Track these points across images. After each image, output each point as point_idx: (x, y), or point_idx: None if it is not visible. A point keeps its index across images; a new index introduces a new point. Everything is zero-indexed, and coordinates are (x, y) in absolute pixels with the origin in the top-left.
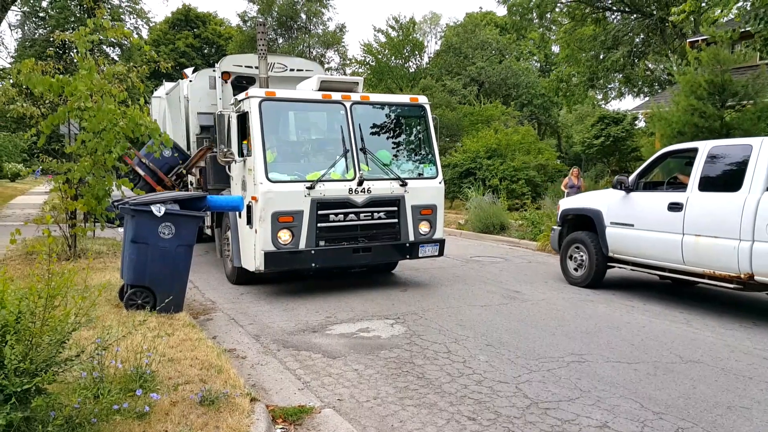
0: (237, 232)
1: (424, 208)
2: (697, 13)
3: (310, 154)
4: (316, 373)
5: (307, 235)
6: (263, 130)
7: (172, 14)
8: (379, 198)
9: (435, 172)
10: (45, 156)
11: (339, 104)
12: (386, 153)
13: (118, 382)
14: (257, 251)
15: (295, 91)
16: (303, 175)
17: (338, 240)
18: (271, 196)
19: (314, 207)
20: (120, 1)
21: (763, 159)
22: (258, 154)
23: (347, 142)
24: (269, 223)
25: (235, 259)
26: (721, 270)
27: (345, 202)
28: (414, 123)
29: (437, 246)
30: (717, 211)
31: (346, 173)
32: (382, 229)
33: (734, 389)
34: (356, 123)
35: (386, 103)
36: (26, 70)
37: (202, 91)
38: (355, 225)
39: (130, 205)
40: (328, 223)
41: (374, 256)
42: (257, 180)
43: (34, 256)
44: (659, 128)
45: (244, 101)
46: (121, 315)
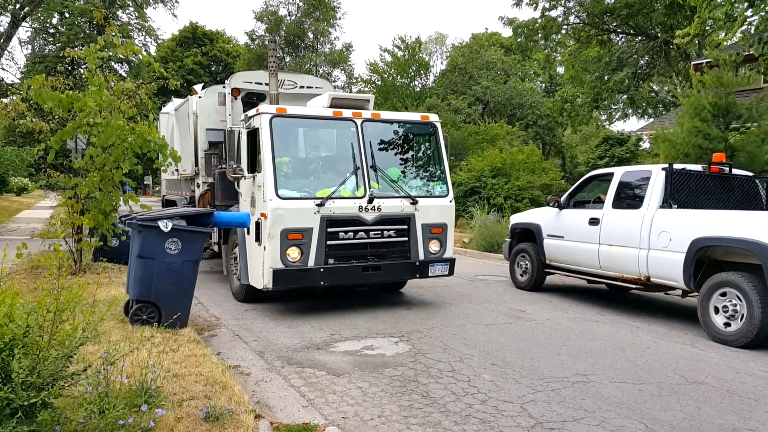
0: (245, 249)
1: (434, 226)
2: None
3: (320, 171)
4: (320, 391)
5: (316, 253)
6: (273, 147)
7: (180, 32)
8: (389, 216)
9: (446, 190)
10: (52, 171)
11: (350, 121)
12: (397, 171)
13: (124, 397)
14: (265, 269)
15: (306, 108)
16: (313, 192)
17: (348, 258)
18: (281, 213)
19: (324, 224)
20: (129, 18)
21: (658, 182)
22: (268, 170)
23: (358, 159)
24: (278, 240)
25: (243, 276)
26: (628, 273)
27: (355, 219)
28: (425, 141)
29: (447, 265)
30: (624, 225)
31: (356, 191)
32: (392, 248)
33: (739, 411)
34: (367, 140)
35: (397, 121)
36: (36, 85)
37: (211, 107)
38: (364, 243)
39: (137, 220)
40: (337, 240)
41: (384, 275)
42: (267, 196)
43: (39, 270)
44: (664, 150)
45: (255, 117)
46: (127, 330)
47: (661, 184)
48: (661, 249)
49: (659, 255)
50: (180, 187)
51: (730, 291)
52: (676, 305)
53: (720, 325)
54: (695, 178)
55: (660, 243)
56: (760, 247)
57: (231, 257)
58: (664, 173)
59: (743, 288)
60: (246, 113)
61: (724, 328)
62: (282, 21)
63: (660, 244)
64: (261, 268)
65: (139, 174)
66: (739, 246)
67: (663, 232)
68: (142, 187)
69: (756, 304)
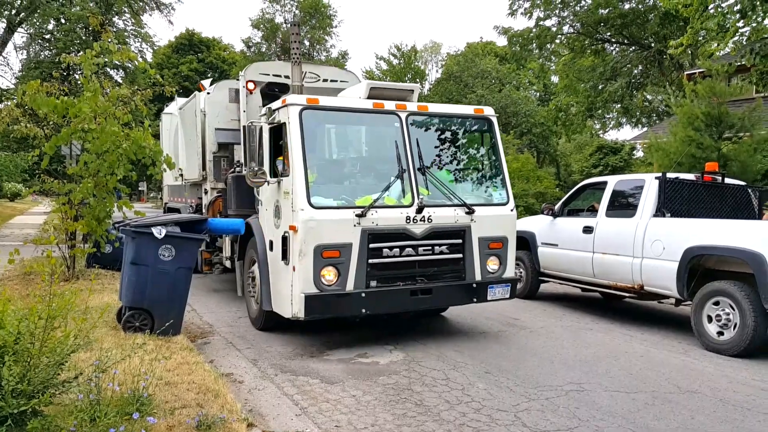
0: (267, 268)
1: (493, 240)
2: (694, 46)
3: (358, 174)
4: (313, 399)
5: (356, 274)
6: (304, 145)
7: (176, 38)
8: (441, 228)
9: (505, 196)
10: (46, 176)
11: (393, 115)
12: (448, 174)
13: (115, 405)
14: (295, 293)
15: (341, 99)
16: (351, 200)
17: (393, 280)
18: (314, 226)
19: (365, 239)
20: (125, 25)
21: (651, 191)
22: (298, 173)
23: (403, 160)
24: (311, 258)
25: (264, 300)
26: (621, 282)
27: (401, 233)
28: (478, 138)
29: (509, 287)
30: (618, 234)
31: (402, 198)
32: (444, 266)
33: (732, 420)
34: (413, 137)
35: (447, 115)
36: (31, 91)
37: (221, 104)
38: (412, 261)
39: (131, 227)
40: (381, 259)
41: (435, 299)
42: (297, 205)
43: (32, 276)
44: (657, 159)
45: (281, 110)
46: (119, 337)
47: (654, 193)
48: (655, 257)
49: (652, 263)
50: (184, 194)
51: (723, 300)
52: (669, 314)
53: (713, 334)
54: (688, 187)
55: (653, 251)
56: (753, 256)
57: (248, 276)
58: (658, 182)
59: (736, 297)
60: (269, 106)
61: (717, 337)
62: (278, 28)
63: (653, 253)
64: (289, 292)
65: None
66: (731, 255)
67: (656, 241)
68: (137, 194)
69: (749, 313)
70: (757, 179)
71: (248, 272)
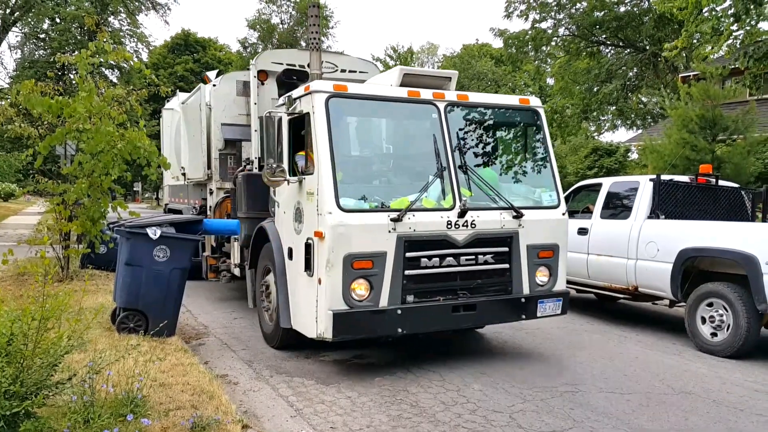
0: (285, 280)
1: (543, 248)
2: (688, 49)
3: (390, 172)
4: (309, 400)
5: (390, 288)
6: (332, 138)
7: (171, 39)
8: (486, 235)
9: (555, 199)
10: (40, 176)
11: (430, 105)
12: (492, 172)
13: (109, 406)
14: (322, 310)
15: (371, 86)
16: (385, 202)
17: (432, 294)
18: (344, 232)
19: (401, 247)
20: (121, 25)
21: (646, 193)
22: (325, 171)
23: (442, 156)
24: (340, 270)
25: (282, 316)
26: (616, 283)
27: (442, 240)
28: (524, 132)
29: (560, 302)
30: (612, 235)
31: (441, 200)
32: (489, 278)
33: (725, 421)
34: (453, 130)
35: (490, 106)
36: (26, 90)
37: (228, 98)
38: (453, 273)
39: (125, 227)
40: (418, 270)
41: (479, 316)
42: (324, 208)
43: (25, 277)
44: (652, 161)
45: (303, 99)
46: (113, 338)
47: (648, 194)
48: (649, 259)
49: (647, 265)
50: (187, 194)
51: (716, 301)
52: (663, 315)
53: (707, 335)
54: (682, 189)
55: (648, 253)
56: (746, 258)
57: (261, 287)
58: (652, 184)
59: (729, 298)
60: (288, 94)
61: (711, 339)
62: (275, 29)
63: (648, 254)
64: (314, 308)
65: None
66: (725, 256)
67: (650, 243)
68: (132, 194)
69: (742, 315)
70: (751, 181)
71: (262, 282)
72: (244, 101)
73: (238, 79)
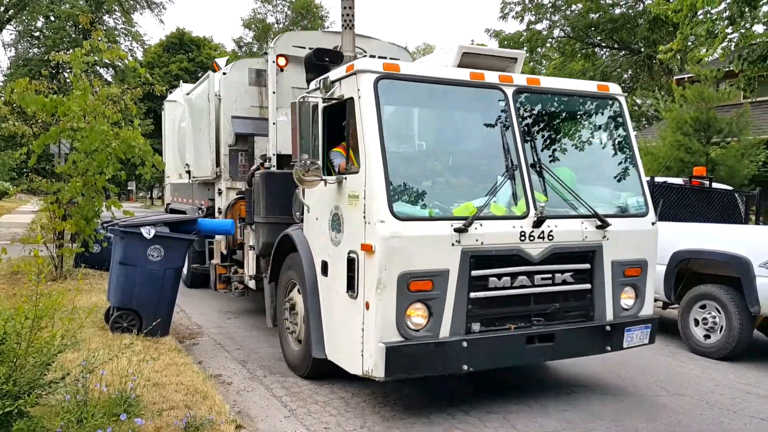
0: (317, 299)
1: (629, 265)
2: (683, 52)
3: (449, 171)
4: (302, 401)
5: (453, 314)
6: (382, 129)
7: (166, 37)
8: (565, 249)
9: (642, 204)
10: (34, 175)
11: (496, 90)
12: (569, 172)
13: (102, 406)
14: (370, 342)
15: (427, 66)
16: (447, 209)
17: (501, 321)
18: (400, 245)
19: (466, 264)
20: (116, 23)
21: None
22: (375, 169)
23: (512, 152)
24: (394, 292)
25: (314, 344)
26: None
27: (513, 255)
28: (604, 124)
29: (648, 329)
30: None
31: (511, 206)
32: (567, 302)
33: (718, 423)
34: (523, 122)
35: (565, 93)
36: (20, 88)
37: (240, 87)
38: (526, 295)
39: (119, 226)
40: (485, 292)
41: (558, 349)
42: (373, 215)
43: (19, 275)
44: (646, 163)
45: (345, 81)
46: (107, 338)
47: None
48: None
49: None
50: (192, 194)
51: (709, 303)
52: None
53: (700, 337)
54: (676, 192)
55: None
56: (739, 260)
57: (285, 305)
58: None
59: (722, 300)
60: (325, 76)
61: (704, 340)
62: (270, 29)
63: None
64: (358, 338)
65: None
66: (718, 259)
67: None
68: (126, 193)
69: (735, 317)
70: (744, 184)
71: (285, 300)
72: (257, 91)
73: (250, 66)
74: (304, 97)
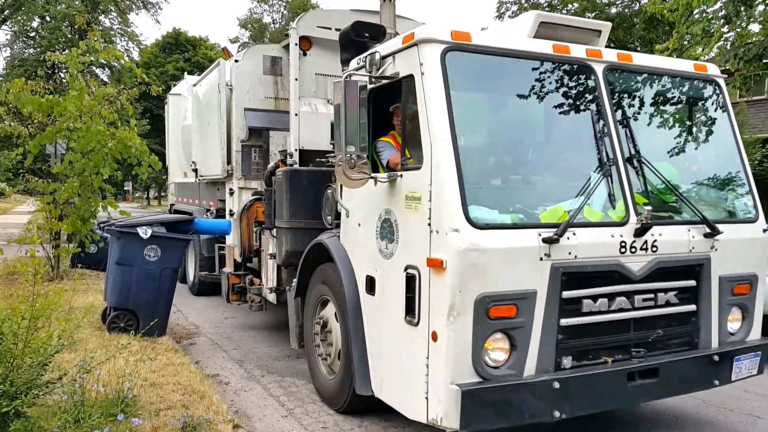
0: (362, 322)
1: (738, 280)
2: (679, 51)
3: (528, 166)
4: (300, 400)
5: (540, 347)
6: (452, 113)
7: (162, 37)
8: (670, 263)
9: (751, 207)
10: (30, 175)
11: (584, 67)
12: (671, 169)
13: (100, 406)
14: (439, 383)
15: (503, 37)
16: (533, 213)
17: (595, 353)
18: (479, 261)
19: (557, 283)
20: (112, 24)
21: None
22: (445, 164)
23: (606, 143)
24: (470, 319)
25: (359, 378)
26: None
27: (612, 271)
28: (702, 111)
29: (758, 357)
30: None
31: (607, 208)
32: (669, 327)
33: (715, 421)
34: (616, 106)
35: (660, 72)
36: (16, 89)
37: (253, 76)
38: (625, 321)
39: (116, 227)
40: (579, 317)
41: (662, 386)
42: (444, 222)
43: (15, 276)
44: None
45: (402, 54)
46: (104, 338)
47: None
48: None
49: None
50: (199, 194)
51: None
52: None
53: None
54: None
55: None
56: None
57: (314, 325)
58: None
59: None
60: (372, 51)
61: None
62: (266, 28)
63: None
64: (421, 377)
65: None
66: None
67: None
68: (122, 193)
69: None
70: None
71: (316, 319)
72: (272, 81)
73: (265, 53)
74: (351, 74)
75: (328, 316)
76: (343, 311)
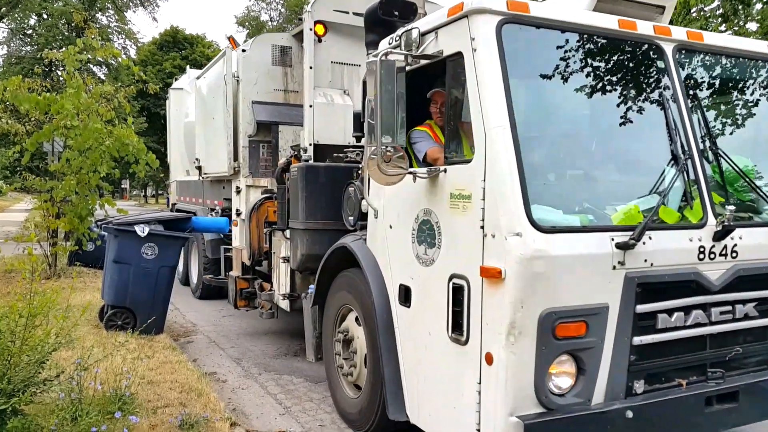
0: (394, 338)
1: None
2: None
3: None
4: (297, 398)
5: (610, 370)
6: (511, 97)
7: (160, 35)
8: (752, 270)
9: None
10: (28, 173)
11: (651, 46)
12: (747, 163)
13: (97, 404)
14: (496, 414)
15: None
16: (603, 214)
17: (668, 376)
18: (546, 270)
19: (631, 296)
20: (109, 21)
21: None
22: (503, 157)
23: (680, 133)
24: (534, 339)
25: (390, 400)
26: None
27: (689, 281)
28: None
29: None
30: None
31: (683, 208)
32: (748, 345)
33: None
34: (689, 91)
35: (734, 53)
36: (12, 86)
37: (261, 67)
38: (701, 337)
39: (113, 224)
40: (654, 335)
41: (743, 411)
42: (502, 225)
43: (12, 274)
44: None
45: (447, 30)
46: (101, 336)
47: None
48: None
49: None
50: (203, 193)
51: None
52: None
53: None
54: None
55: None
56: None
57: (335, 337)
58: None
59: None
60: (409, 28)
61: None
62: (264, 26)
63: None
64: (472, 406)
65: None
66: None
67: None
68: (119, 191)
69: None
70: None
71: (338, 332)
72: (281, 72)
73: (273, 43)
74: (388, 53)
75: (352, 329)
76: (372, 324)
